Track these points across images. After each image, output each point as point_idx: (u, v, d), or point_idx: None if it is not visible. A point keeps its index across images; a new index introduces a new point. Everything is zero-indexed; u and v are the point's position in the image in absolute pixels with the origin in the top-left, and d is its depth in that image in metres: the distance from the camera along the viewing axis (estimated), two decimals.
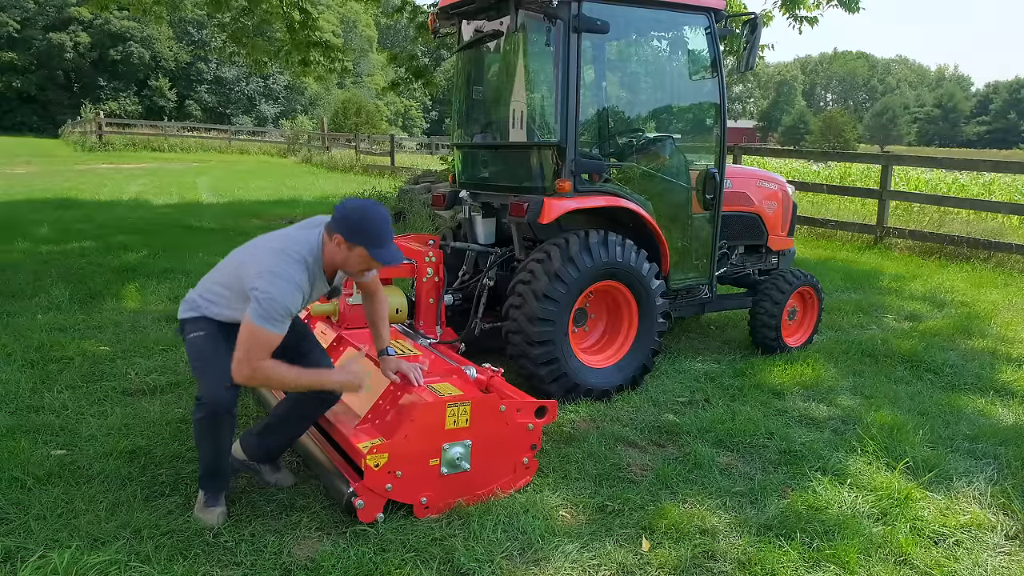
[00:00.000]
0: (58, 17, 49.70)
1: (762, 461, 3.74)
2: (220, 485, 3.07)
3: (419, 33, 12.67)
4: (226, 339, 2.93)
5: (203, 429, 2.96)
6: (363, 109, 46.02)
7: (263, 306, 2.78)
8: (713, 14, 4.87)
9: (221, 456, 3.03)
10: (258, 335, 2.79)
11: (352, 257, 2.98)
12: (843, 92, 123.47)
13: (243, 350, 2.80)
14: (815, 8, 10.94)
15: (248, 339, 2.79)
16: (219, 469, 3.05)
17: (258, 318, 2.78)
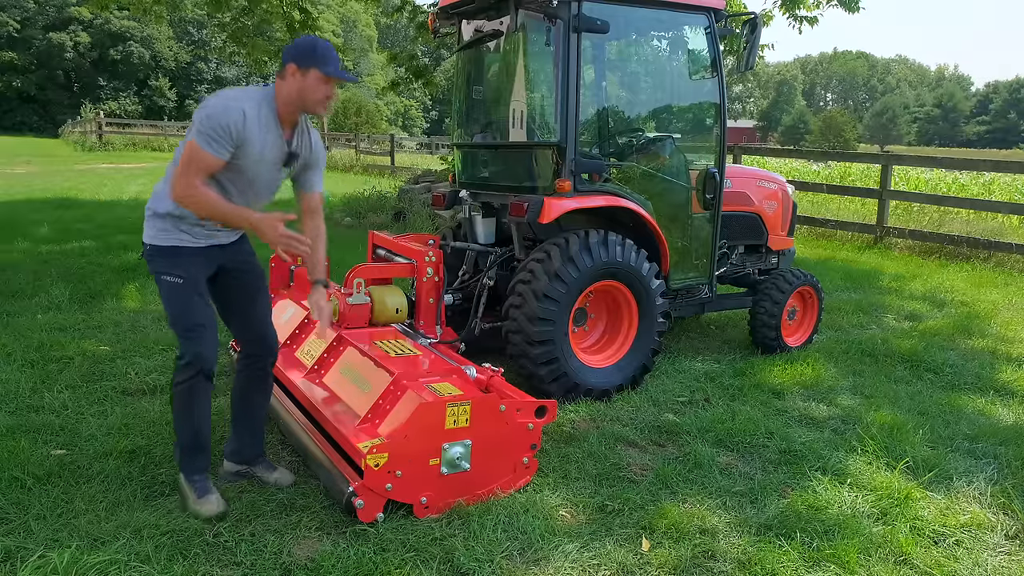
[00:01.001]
0: (58, 17, 49.70)
1: (762, 461, 3.74)
2: (204, 463, 3.12)
3: (419, 33, 12.67)
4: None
5: (186, 395, 3.02)
6: (363, 109, 46.01)
7: (199, 124, 2.82)
8: (713, 14, 4.87)
9: (204, 427, 3.09)
10: (194, 153, 2.83)
11: (308, 84, 2.94)
12: (843, 92, 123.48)
13: (181, 166, 2.86)
14: (815, 8, 10.94)
15: (186, 156, 2.85)
16: (201, 444, 3.10)
17: (195, 134, 2.82)
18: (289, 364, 4.04)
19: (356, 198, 12.52)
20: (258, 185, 3.05)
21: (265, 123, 2.95)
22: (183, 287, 3.02)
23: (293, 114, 3.04)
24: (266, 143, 2.97)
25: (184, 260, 3.04)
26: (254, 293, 3.29)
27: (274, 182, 3.12)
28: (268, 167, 3.03)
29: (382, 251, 5.02)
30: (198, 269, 3.07)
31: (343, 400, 3.54)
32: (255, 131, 2.91)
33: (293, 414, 3.70)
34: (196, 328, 3.01)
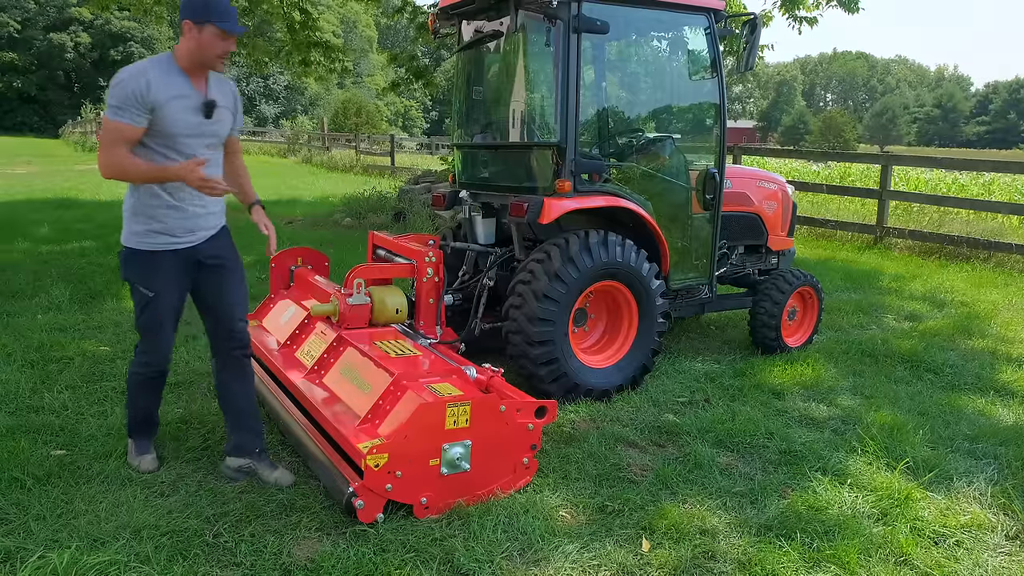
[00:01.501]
0: (59, 17, 49.75)
1: (762, 461, 3.74)
2: (148, 432, 3.53)
3: (419, 33, 12.67)
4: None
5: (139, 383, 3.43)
6: (363, 109, 46.04)
7: (109, 99, 2.99)
8: (713, 14, 4.87)
9: (151, 408, 3.52)
10: (109, 127, 3.00)
11: (204, 39, 3.03)
12: (843, 92, 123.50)
13: (101, 144, 3.06)
14: (814, 8, 10.94)
15: (103, 133, 3.04)
16: (148, 419, 3.52)
17: (107, 110, 3.00)
18: (289, 364, 4.04)
19: (356, 198, 12.51)
20: (190, 140, 3.13)
21: (173, 83, 3.06)
22: (153, 301, 3.22)
23: (197, 69, 3.13)
24: (180, 99, 3.06)
25: (163, 270, 3.20)
26: (226, 287, 3.36)
27: (205, 134, 3.18)
28: (190, 123, 3.11)
29: (382, 251, 5.02)
30: (173, 279, 3.23)
31: (343, 400, 3.54)
32: (163, 92, 3.01)
33: (293, 414, 3.70)
34: (158, 336, 3.30)
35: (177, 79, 3.07)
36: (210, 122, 3.18)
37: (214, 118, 3.19)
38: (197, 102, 3.12)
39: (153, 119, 3.01)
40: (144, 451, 3.45)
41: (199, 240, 3.26)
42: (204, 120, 3.15)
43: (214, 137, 3.25)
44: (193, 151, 3.15)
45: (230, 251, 3.41)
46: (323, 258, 5.14)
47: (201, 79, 3.16)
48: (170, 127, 3.05)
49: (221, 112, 3.22)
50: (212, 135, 3.23)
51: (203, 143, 3.19)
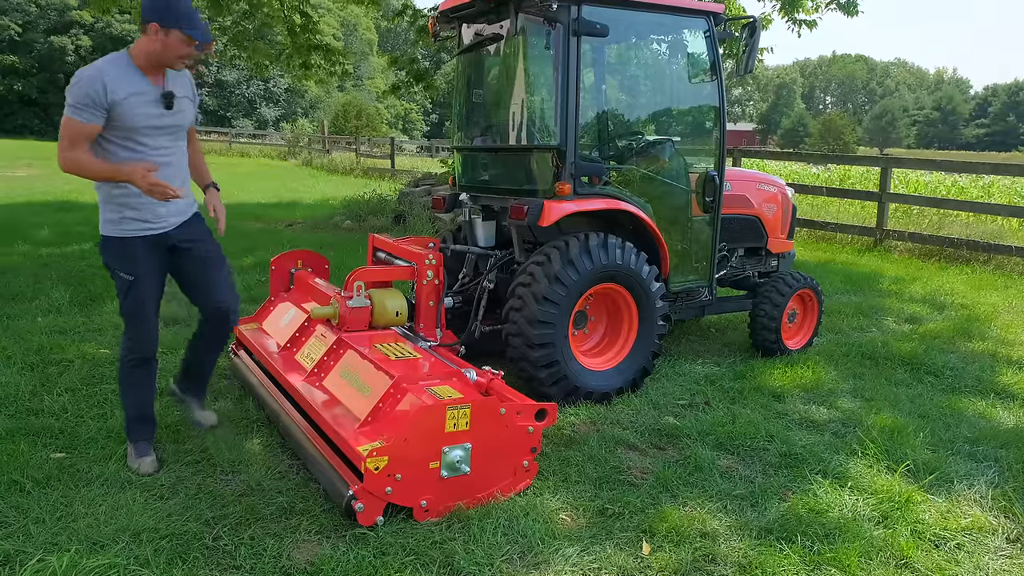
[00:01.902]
0: (59, 21, 49.77)
1: (762, 464, 3.74)
2: (146, 433, 3.55)
3: (419, 37, 12.69)
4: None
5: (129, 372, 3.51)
6: (363, 112, 46.07)
7: (68, 99, 3.10)
8: (712, 18, 4.88)
9: (145, 400, 3.55)
10: (68, 125, 3.11)
11: (170, 42, 3.17)
12: (842, 95, 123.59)
13: (61, 141, 3.14)
14: (814, 11, 10.95)
15: (63, 131, 3.13)
16: (143, 415, 3.55)
17: (66, 108, 3.11)
18: (289, 367, 4.04)
19: (356, 201, 12.52)
20: (152, 132, 3.29)
21: (131, 80, 3.20)
22: (133, 285, 3.37)
23: (154, 68, 3.28)
24: (138, 96, 3.21)
25: (136, 256, 3.36)
26: (204, 268, 3.55)
27: (167, 126, 3.34)
28: (150, 115, 3.26)
29: (382, 254, 5.02)
30: (148, 264, 3.38)
31: (343, 403, 3.54)
32: (120, 91, 3.15)
33: (293, 417, 3.70)
34: (142, 320, 3.45)
35: (134, 76, 3.22)
36: (171, 113, 3.33)
37: (175, 108, 3.33)
38: (156, 95, 3.27)
39: (112, 116, 3.15)
40: (144, 453, 3.48)
41: (170, 226, 3.43)
42: (165, 111, 3.30)
43: (177, 127, 3.40)
44: (156, 142, 3.32)
45: (203, 234, 3.58)
46: (323, 261, 5.14)
47: (158, 75, 3.30)
48: (130, 121, 3.20)
49: (181, 102, 3.37)
50: (174, 126, 3.38)
51: (165, 134, 3.35)
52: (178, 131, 3.42)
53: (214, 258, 3.57)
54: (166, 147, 3.36)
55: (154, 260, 3.40)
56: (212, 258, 3.56)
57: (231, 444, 3.68)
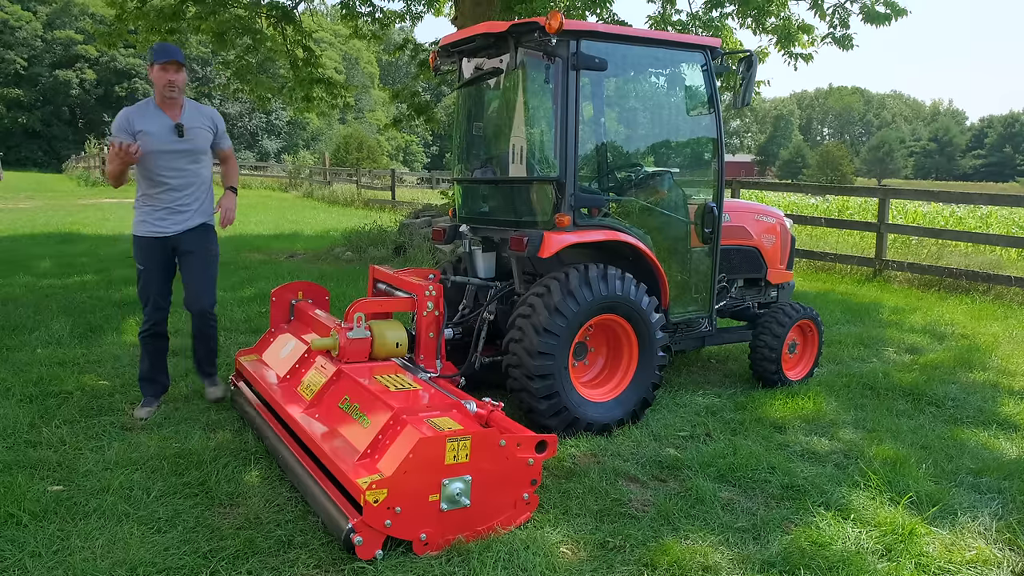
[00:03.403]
0: (65, 55, 50.44)
1: (764, 496, 3.71)
2: (151, 391, 4.57)
3: (420, 70, 12.85)
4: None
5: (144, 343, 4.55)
6: (364, 144, 46.46)
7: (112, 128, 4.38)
8: (709, 51, 4.95)
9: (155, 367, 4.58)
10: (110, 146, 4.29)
11: (153, 76, 4.31)
12: (839, 126, 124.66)
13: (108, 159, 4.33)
14: (809, 45, 11.13)
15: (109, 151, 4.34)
16: (151, 377, 4.58)
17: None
18: (289, 398, 4.03)
19: (357, 232, 12.57)
20: (167, 155, 4.34)
21: (149, 115, 4.33)
22: (143, 273, 4.47)
23: (166, 102, 4.35)
24: (151, 126, 4.31)
25: (146, 251, 4.45)
26: (193, 272, 4.54)
27: (180, 150, 4.37)
28: (164, 141, 4.31)
29: (382, 285, 5.02)
30: (154, 259, 4.45)
31: (342, 435, 3.52)
32: (139, 121, 4.30)
33: (292, 449, 3.68)
34: (148, 302, 4.49)
35: (153, 113, 4.34)
36: (183, 140, 4.34)
37: (186, 137, 4.35)
38: (169, 126, 4.32)
39: (137, 138, 4.24)
40: (145, 404, 4.47)
41: (175, 232, 4.44)
42: (177, 139, 4.33)
43: (191, 152, 4.41)
44: (174, 163, 4.36)
45: (203, 244, 4.55)
46: (323, 292, 5.15)
47: (174, 110, 4.36)
48: (148, 146, 4.26)
49: (193, 131, 4.38)
50: (188, 150, 4.39)
51: (180, 156, 4.37)
52: (193, 154, 4.41)
53: (203, 265, 4.54)
54: (183, 168, 4.39)
55: (157, 256, 4.44)
56: (202, 265, 4.54)
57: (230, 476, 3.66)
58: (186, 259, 4.50)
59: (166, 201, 4.40)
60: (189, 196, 4.45)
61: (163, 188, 4.37)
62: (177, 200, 4.42)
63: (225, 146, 4.69)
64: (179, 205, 4.43)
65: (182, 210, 4.43)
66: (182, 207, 4.44)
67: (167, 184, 4.37)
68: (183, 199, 4.43)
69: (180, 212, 4.42)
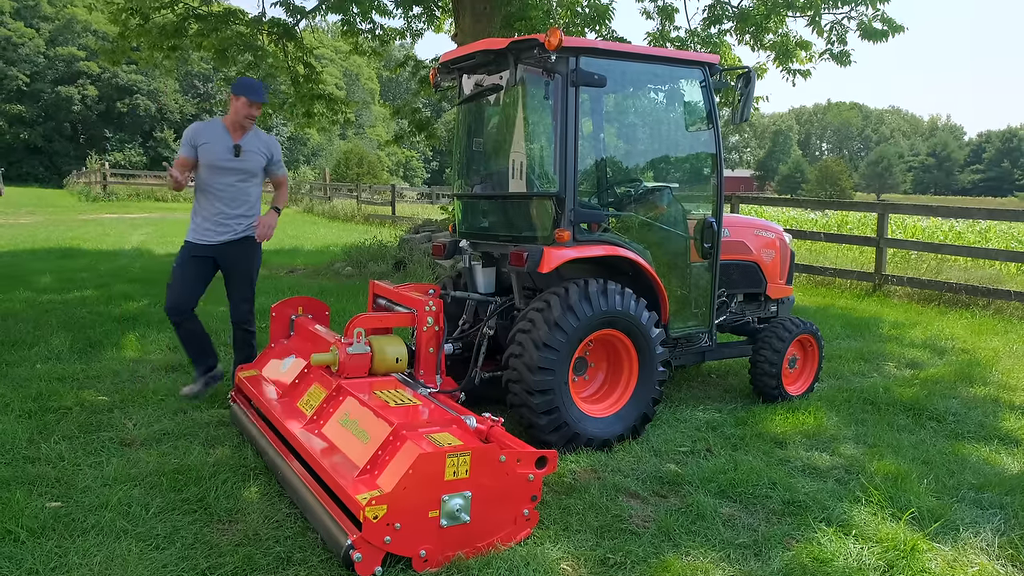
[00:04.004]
0: (67, 71, 50.71)
1: (765, 512, 3.70)
2: (201, 369, 5.10)
3: (421, 87, 12.92)
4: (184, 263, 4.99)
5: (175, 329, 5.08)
6: (365, 159, 46.63)
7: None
8: (708, 68, 4.98)
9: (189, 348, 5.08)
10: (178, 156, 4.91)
11: (238, 106, 4.81)
12: (838, 141, 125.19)
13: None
14: (807, 61, 11.20)
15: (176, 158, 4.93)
16: (191, 357, 5.15)
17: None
18: (288, 414, 4.02)
19: (357, 247, 12.59)
20: (222, 171, 4.87)
21: (214, 132, 4.88)
22: (175, 270, 4.97)
23: (234, 126, 4.88)
24: (213, 141, 4.84)
25: (184, 254, 4.97)
26: (235, 282, 5.05)
27: (234, 168, 4.87)
28: (221, 157, 4.84)
29: (382, 301, 5.03)
30: (190, 262, 4.92)
31: (342, 451, 3.51)
32: (203, 136, 4.85)
33: (292, 464, 3.67)
34: (170, 294, 4.96)
35: (219, 130, 4.88)
36: (238, 160, 4.86)
37: (241, 157, 4.86)
38: (228, 146, 4.85)
39: (198, 153, 4.83)
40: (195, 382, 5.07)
41: (218, 241, 4.92)
42: (233, 158, 4.84)
43: (243, 171, 4.90)
44: (224, 179, 4.87)
45: (242, 255, 4.99)
46: (323, 307, 5.15)
47: (237, 132, 4.88)
48: (204, 158, 4.84)
49: (248, 154, 4.89)
50: (241, 170, 4.89)
51: (231, 174, 4.88)
52: (244, 174, 4.91)
53: (241, 274, 5.02)
54: (233, 184, 4.89)
55: (193, 262, 4.92)
56: (240, 274, 5.02)
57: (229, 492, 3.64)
58: (228, 273, 5.01)
59: (213, 212, 4.88)
60: (236, 211, 4.91)
61: (213, 200, 4.87)
62: (223, 213, 4.88)
63: (279, 173, 5.15)
64: (225, 218, 4.89)
65: (227, 223, 4.90)
66: (228, 220, 4.90)
67: (217, 196, 4.86)
68: (230, 213, 4.89)
69: (224, 224, 4.89)
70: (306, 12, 12.33)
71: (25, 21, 51.07)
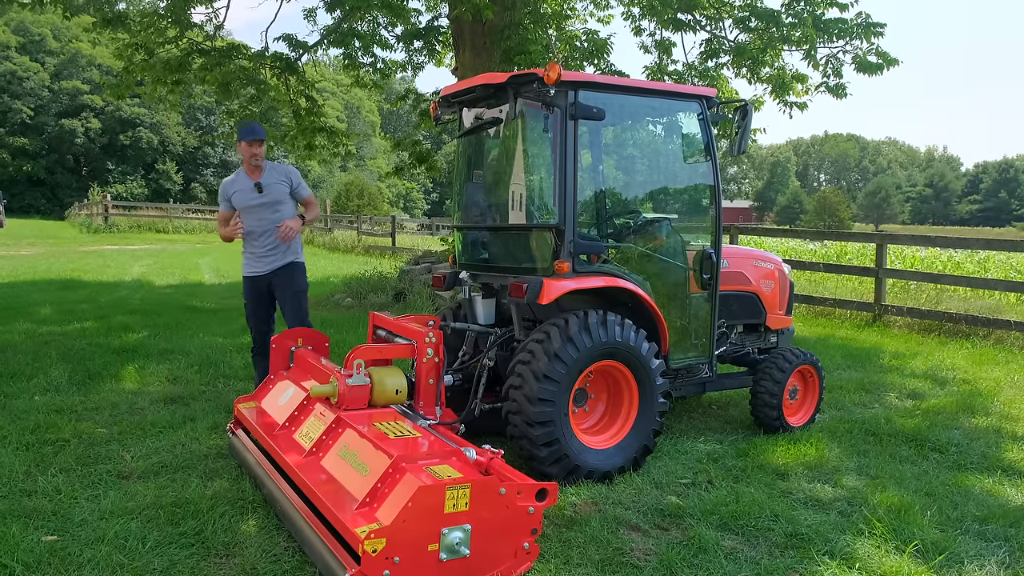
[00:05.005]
0: (71, 104, 51.22)
1: (768, 544, 3.66)
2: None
3: (422, 120, 13.05)
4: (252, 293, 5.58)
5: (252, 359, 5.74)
6: (365, 191, 46.91)
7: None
8: (705, 101, 5.04)
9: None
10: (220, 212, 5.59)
11: (241, 149, 5.40)
12: (835, 172, 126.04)
13: (219, 224, 5.61)
14: (804, 94, 11.33)
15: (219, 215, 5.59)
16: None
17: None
18: (287, 446, 4.00)
19: (357, 279, 12.62)
20: (253, 209, 5.40)
21: (239, 181, 5.46)
22: (247, 304, 5.58)
23: (251, 168, 5.42)
24: (239, 188, 5.43)
25: (248, 288, 5.54)
26: (288, 304, 5.51)
27: (263, 203, 5.38)
28: (249, 199, 5.40)
29: (382, 332, 5.03)
30: (255, 293, 5.52)
31: (341, 483, 3.48)
32: (232, 187, 5.47)
33: (289, 497, 3.64)
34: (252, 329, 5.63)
35: (241, 178, 5.46)
36: (263, 195, 5.37)
37: (264, 192, 5.37)
38: (251, 186, 5.39)
39: (232, 202, 5.43)
40: None
41: (268, 271, 5.45)
42: (258, 195, 5.37)
43: (271, 203, 5.40)
44: (259, 214, 5.38)
45: (290, 280, 5.50)
46: (323, 339, 5.15)
47: (255, 172, 5.41)
48: (238, 204, 5.43)
49: (270, 187, 5.38)
50: (268, 202, 5.39)
51: (263, 208, 5.39)
52: (272, 205, 5.39)
53: (295, 299, 5.49)
54: (266, 216, 5.39)
55: (256, 292, 5.50)
56: (290, 295, 5.49)
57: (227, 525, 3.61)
58: (280, 295, 5.50)
59: (257, 246, 5.42)
60: (274, 240, 5.40)
61: (255, 235, 5.40)
62: (265, 244, 5.40)
63: (304, 194, 5.62)
64: (268, 249, 5.41)
65: (271, 252, 5.43)
66: (271, 250, 5.42)
67: (256, 231, 5.38)
68: (270, 243, 5.40)
69: (270, 254, 5.43)
70: (308, 47, 12.50)
71: (31, 56, 51.70)
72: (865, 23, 10.44)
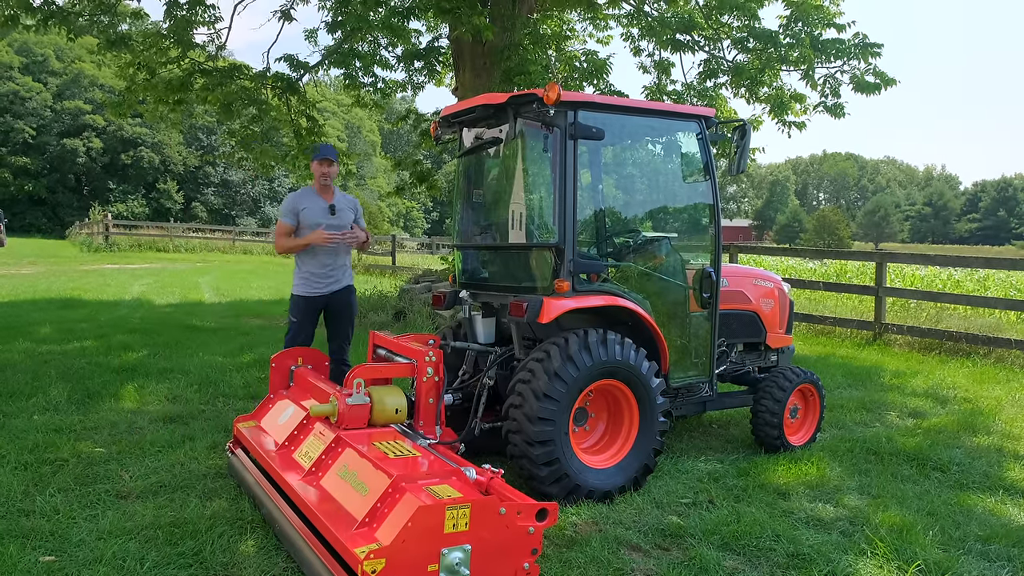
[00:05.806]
0: (73, 124, 51.52)
1: (770, 565, 3.64)
2: None
3: (422, 139, 13.12)
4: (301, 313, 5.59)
5: None
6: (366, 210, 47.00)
7: (280, 209, 5.63)
8: (704, 121, 5.08)
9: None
10: (279, 225, 5.56)
11: (313, 168, 5.52)
12: (835, 191, 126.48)
13: (277, 236, 5.61)
14: (802, 114, 11.39)
15: (277, 228, 5.61)
16: None
17: (280, 215, 5.62)
18: (286, 465, 3.98)
19: (357, 298, 12.60)
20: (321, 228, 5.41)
21: (309, 198, 5.51)
22: (294, 324, 5.54)
23: (321, 188, 5.52)
24: (310, 205, 5.47)
25: (301, 307, 5.52)
26: (339, 327, 5.68)
27: (331, 225, 5.43)
28: (318, 218, 5.43)
29: (382, 351, 5.03)
30: (305, 313, 5.52)
31: (340, 503, 3.47)
32: (301, 202, 5.48)
33: (289, 517, 3.62)
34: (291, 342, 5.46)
35: (312, 196, 5.51)
36: (335, 217, 5.48)
37: (336, 216, 5.49)
38: (323, 207, 5.47)
39: (299, 218, 5.42)
40: None
41: (324, 293, 5.51)
42: (330, 216, 5.46)
43: (339, 227, 5.47)
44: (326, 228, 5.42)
45: (345, 303, 5.63)
46: (323, 358, 5.16)
47: (327, 194, 5.52)
48: (306, 221, 5.42)
49: (341, 212, 5.52)
50: (337, 226, 5.47)
51: (331, 229, 5.40)
52: (340, 227, 5.46)
53: (344, 320, 5.65)
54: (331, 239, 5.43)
55: (308, 312, 5.51)
56: (342, 319, 5.65)
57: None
58: (333, 316, 5.59)
59: (319, 266, 5.44)
60: (336, 262, 5.51)
61: (318, 254, 5.43)
62: (327, 265, 5.47)
63: (362, 224, 5.78)
64: (329, 270, 5.48)
65: (332, 274, 5.50)
66: (332, 271, 5.50)
67: (322, 251, 5.42)
68: (332, 264, 5.49)
69: (330, 276, 5.50)
70: (309, 67, 12.59)
71: (34, 76, 52.10)
72: (862, 43, 10.52)
